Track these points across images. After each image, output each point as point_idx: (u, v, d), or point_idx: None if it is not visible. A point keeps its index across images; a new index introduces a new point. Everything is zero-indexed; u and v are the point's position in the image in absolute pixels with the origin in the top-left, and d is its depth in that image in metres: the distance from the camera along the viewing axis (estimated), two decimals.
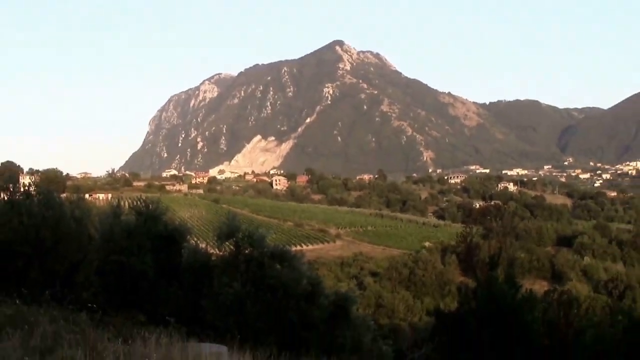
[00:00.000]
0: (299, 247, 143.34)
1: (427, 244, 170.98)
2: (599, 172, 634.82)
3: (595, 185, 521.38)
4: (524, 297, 26.37)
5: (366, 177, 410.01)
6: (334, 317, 21.04)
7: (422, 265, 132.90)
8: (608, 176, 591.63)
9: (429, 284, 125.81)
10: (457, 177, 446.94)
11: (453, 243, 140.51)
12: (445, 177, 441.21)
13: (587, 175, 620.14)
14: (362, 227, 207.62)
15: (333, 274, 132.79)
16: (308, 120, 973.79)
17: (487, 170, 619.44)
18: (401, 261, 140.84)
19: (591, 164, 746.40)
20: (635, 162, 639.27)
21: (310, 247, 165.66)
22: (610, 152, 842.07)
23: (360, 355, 20.07)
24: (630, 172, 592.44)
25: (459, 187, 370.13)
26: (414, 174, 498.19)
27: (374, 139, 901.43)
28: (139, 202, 22.39)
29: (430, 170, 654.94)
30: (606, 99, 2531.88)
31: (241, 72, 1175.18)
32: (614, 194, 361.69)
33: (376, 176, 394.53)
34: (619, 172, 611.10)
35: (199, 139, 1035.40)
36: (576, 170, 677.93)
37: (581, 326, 24.83)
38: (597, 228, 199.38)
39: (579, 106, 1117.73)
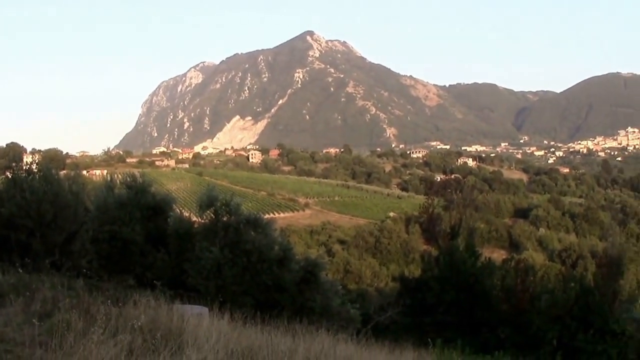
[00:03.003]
0: (271, 215, 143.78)
1: (391, 214, 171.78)
2: (552, 149, 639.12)
3: (549, 161, 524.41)
4: (483, 265, 26.64)
5: (332, 150, 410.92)
6: (305, 281, 21.26)
7: (387, 234, 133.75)
8: (561, 154, 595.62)
9: (394, 251, 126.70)
10: (419, 152, 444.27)
11: (416, 213, 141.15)
12: (408, 152, 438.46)
13: (541, 153, 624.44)
14: (330, 197, 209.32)
15: (303, 241, 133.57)
16: (280, 102, 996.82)
17: (448, 147, 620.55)
18: (367, 230, 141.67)
19: (545, 142, 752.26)
20: (586, 141, 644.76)
21: (282, 215, 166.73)
22: (563, 132, 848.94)
23: (330, 317, 20.12)
24: (581, 150, 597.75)
25: (420, 161, 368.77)
26: (378, 149, 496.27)
27: (339, 117, 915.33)
28: (128, 177, 22.94)
29: (393, 145, 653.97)
30: (559, 84, 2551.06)
31: (223, 61, 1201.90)
32: (566, 170, 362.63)
33: (342, 150, 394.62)
34: (571, 150, 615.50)
35: (185, 120, 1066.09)
36: (531, 148, 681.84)
37: (537, 292, 25.11)
38: (551, 201, 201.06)
39: (534, 89, 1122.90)
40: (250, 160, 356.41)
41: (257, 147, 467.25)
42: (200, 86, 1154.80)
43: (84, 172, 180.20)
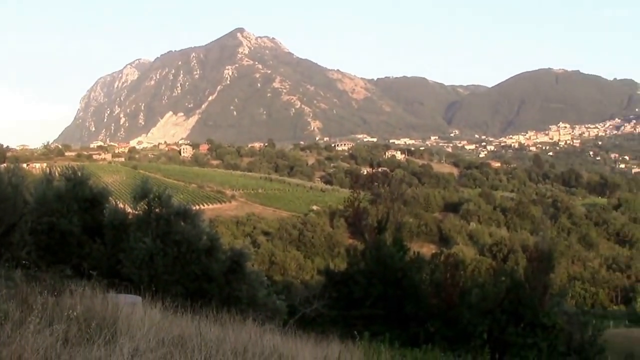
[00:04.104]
0: (200, 207, 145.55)
1: (314, 207, 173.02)
2: (483, 143, 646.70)
3: (480, 155, 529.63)
4: (411, 259, 27.25)
5: (257, 145, 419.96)
6: (231, 271, 21.87)
7: (311, 228, 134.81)
8: (492, 148, 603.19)
9: (318, 245, 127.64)
10: (345, 144, 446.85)
11: (341, 207, 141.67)
12: (333, 145, 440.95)
13: (472, 147, 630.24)
14: (254, 189, 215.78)
15: (230, 232, 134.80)
16: (210, 98, 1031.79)
17: (375, 139, 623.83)
18: (290, 223, 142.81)
19: (476, 136, 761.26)
20: (517, 136, 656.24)
21: (210, 206, 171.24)
22: (495, 126, 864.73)
23: (256, 307, 20.61)
24: (513, 144, 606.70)
25: (346, 154, 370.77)
26: (302, 142, 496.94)
27: (264, 112, 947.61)
28: (66, 170, 23.46)
29: (317, 139, 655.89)
30: (490, 78, 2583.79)
31: (157, 58, 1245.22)
32: (498, 164, 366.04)
33: (266, 144, 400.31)
34: (502, 144, 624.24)
35: (121, 115, 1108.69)
36: (462, 142, 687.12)
37: (467, 286, 25.80)
38: (482, 196, 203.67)
39: (465, 83, 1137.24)
40: (182, 154, 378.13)
41: (189, 142, 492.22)
42: (135, 82, 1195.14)
43: (24, 165, 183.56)
